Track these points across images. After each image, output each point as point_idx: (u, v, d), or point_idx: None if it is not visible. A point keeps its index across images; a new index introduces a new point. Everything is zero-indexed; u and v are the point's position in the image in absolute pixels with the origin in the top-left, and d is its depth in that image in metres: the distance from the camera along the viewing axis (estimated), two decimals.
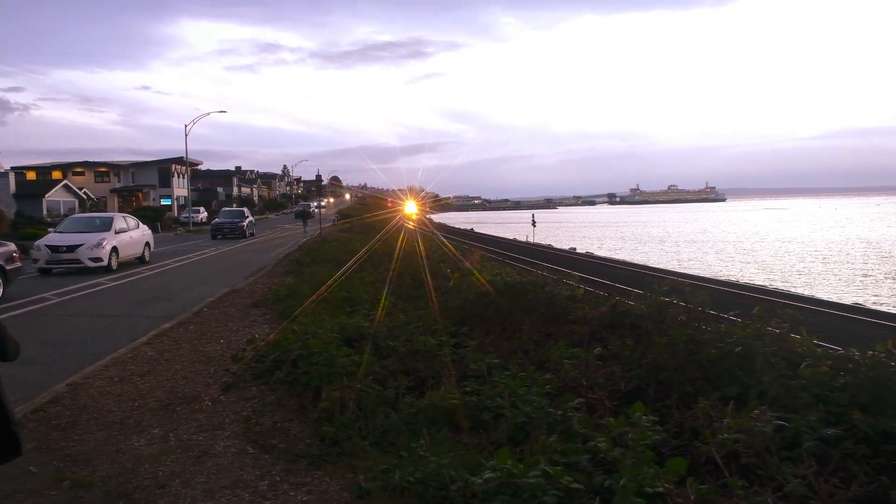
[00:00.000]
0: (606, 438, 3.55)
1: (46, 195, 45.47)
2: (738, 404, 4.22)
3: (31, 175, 57.29)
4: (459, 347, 6.36)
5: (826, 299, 17.84)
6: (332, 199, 54.76)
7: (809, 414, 3.93)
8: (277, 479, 4.14)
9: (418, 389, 5.30)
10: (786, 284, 23.99)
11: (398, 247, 17.89)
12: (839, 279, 26.57)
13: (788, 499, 3.07)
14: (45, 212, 43.30)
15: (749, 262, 33.51)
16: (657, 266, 27.42)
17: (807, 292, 20.56)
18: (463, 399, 4.74)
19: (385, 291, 9.51)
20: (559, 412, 4.20)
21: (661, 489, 2.89)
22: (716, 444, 3.51)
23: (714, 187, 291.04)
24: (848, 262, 32.59)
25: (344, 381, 5.13)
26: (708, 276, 23.67)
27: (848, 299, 19.49)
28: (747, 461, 3.49)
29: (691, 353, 5.25)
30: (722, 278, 23.43)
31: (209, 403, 5.75)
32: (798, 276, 27.38)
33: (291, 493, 3.92)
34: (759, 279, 25.45)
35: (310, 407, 5.16)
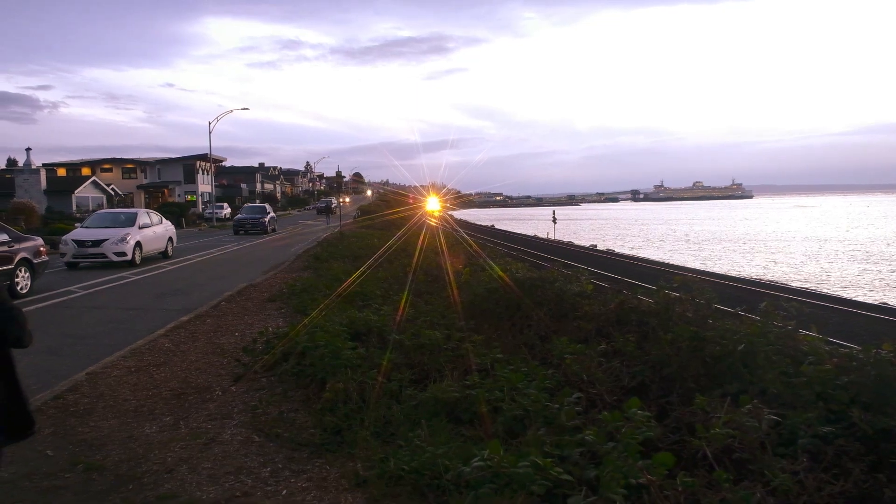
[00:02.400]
0: (598, 432, 3.59)
1: (76, 191, 46.62)
2: (739, 401, 4.22)
3: (61, 171, 58.79)
4: (466, 342, 6.42)
5: (853, 299, 17.51)
6: (347, 200, 54.92)
7: (808, 411, 3.92)
8: (280, 466, 4.27)
9: (422, 382, 5.39)
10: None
11: (417, 243, 18.02)
12: None
13: (776, 493, 3.08)
14: (74, 207, 44.42)
15: None
16: (681, 264, 27.03)
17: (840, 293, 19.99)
18: (464, 392, 4.81)
19: (407, 289, 9.57)
20: (556, 406, 4.25)
21: (643, 481, 2.92)
22: (708, 440, 3.53)
23: (741, 184, 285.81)
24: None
25: (348, 374, 5.23)
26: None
27: None
28: (740, 456, 3.50)
29: (695, 349, 5.24)
30: (746, 276, 23.04)
31: (220, 393, 5.92)
32: None
33: (292, 480, 4.04)
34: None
35: (314, 398, 5.29)
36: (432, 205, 47.84)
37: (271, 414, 5.23)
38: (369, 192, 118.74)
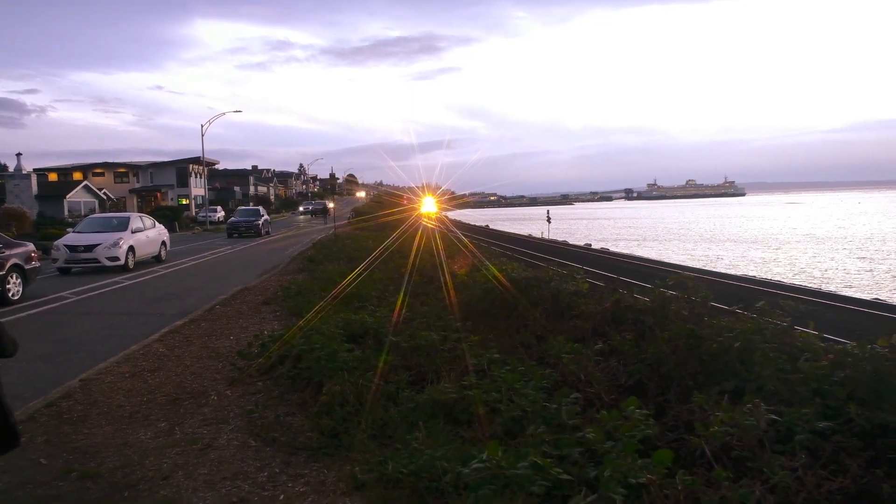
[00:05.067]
0: (597, 431, 3.58)
1: (67, 196, 46.33)
2: (736, 398, 4.22)
3: (52, 176, 58.42)
4: (463, 342, 6.40)
5: (846, 295, 17.60)
6: (331, 204, 55.32)
7: (806, 407, 3.92)
8: (277, 470, 4.24)
9: (419, 384, 5.36)
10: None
11: (412, 244, 17.97)
12: None
13: (775, 490, 3.08)
14: (66, 212, 44.14)
15: None
16: (677, 262, 27.09)
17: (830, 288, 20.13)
18: (461, 393, 4.79)
19: (403, 290, 9.51)
20: (554, 406, 4.23)
21: (643, 480, 2.91)
22: (706, 438, 3.53)
23: (733, 181, 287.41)
24: None
25: (345, 376, 5.20)
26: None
27: None
28: (738, 454, 3.50)
29: (691, 347, 5.24)
30: (740, 273, 23.12)
31: (215, 398, 5.88)
32: None
33: (289, 485, 4.01)
34: None
35: (311, 401, 5.26)
36: (427, 206, 47.73)
37: (267, 418, 5.20)
38: (362, 194, 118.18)
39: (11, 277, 12.67)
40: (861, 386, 4.11)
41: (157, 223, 22.02)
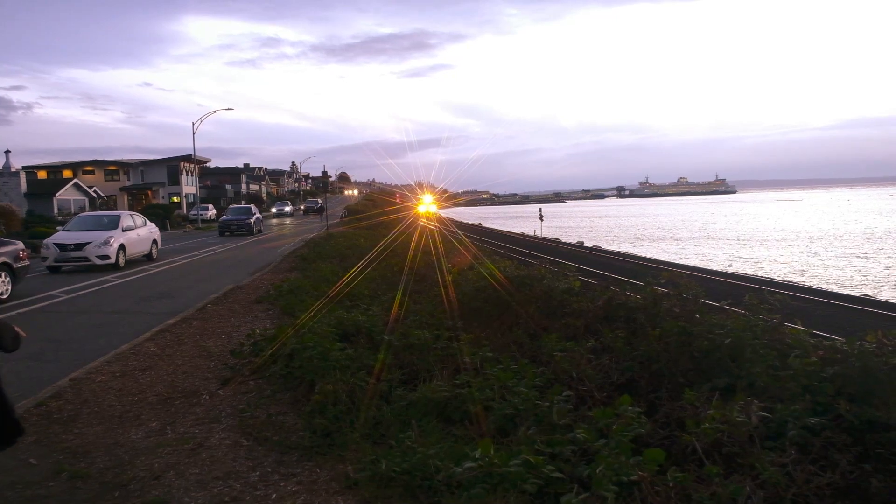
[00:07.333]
0: (588, 429, 3.60)
1: (57, 194, 45.90)
2: (728, 395, 4.25)
3: (41, 174, 57.84)
4: (455, 341, 6.40)
5: (836, 291, 17.74)
6: (302, 207, 54.41)
7: (796, 404, 3.95)
8: (269, 469, 4.22)
9: (411, 383, 5.36)
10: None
11: (409, 242, 17.94)
12: None
13: (766, 486, 3.10)
14: (55, 210, 43.74)
15: None
16: (668, 260, 27.20)
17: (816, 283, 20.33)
18: (454, 391, 4.80)
19: (401, 289, 9.48)
20: (547, 404, 4.24)
21: (635, 477, 2.93)
22: (698, 434, 3.55)
23: (724, 179, 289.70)
24: None
25: (337, 375, 5.19)
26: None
27: None
28: (729, 450, 3.52)
29: (683, 344, 5.27)
30: (731, 271, 23.25)
31: (207, 397, 5.85)
32: None
33: (282, 484, 4.00)
34: None
35: (303, 400, 5.25)
36: (424, 205, 47.58)
37: (260, 417, 5.18)
38: (354, 192, 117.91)
39: (0, 276, 12.56)
40: (850, 382, 4.15)
41: (148, 221, 21.88)
